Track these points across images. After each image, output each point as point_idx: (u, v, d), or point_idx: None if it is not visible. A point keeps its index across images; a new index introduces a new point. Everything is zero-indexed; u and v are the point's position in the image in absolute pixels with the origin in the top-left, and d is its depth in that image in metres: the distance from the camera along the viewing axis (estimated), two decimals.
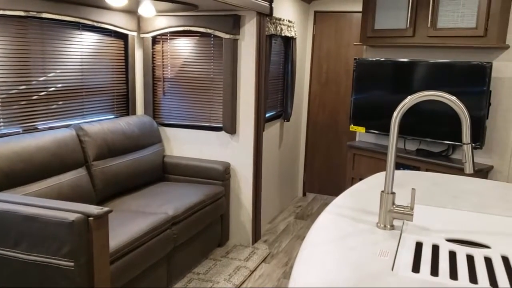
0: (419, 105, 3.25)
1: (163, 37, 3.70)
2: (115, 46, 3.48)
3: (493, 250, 1.32)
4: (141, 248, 2.53)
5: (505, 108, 3.16)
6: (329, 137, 5.09)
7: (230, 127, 3.55)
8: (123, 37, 3.55)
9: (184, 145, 3.78)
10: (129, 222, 2.62)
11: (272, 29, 3.75)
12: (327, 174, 5.16)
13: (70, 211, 2.06)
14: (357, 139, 4.05)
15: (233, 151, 3.64)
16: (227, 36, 3.43)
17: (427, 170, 3.26)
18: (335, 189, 5.06)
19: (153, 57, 3.74)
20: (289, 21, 4.16)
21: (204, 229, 3.28)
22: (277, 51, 4.17)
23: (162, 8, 3.33)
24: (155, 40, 3.73)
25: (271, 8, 3.52)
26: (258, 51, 3.48)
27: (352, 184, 3.16)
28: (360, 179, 2.15)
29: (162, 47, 3.72)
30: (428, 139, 3.38)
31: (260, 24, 3.45)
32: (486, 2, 2.95)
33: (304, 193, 5.25)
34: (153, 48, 3.72)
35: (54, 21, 2.89)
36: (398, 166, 3.44)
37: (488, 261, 1.25)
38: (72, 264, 2.03)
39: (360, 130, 3.77)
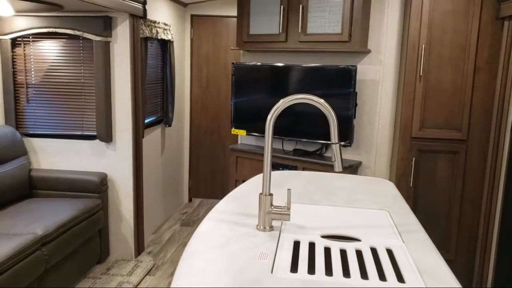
0: (295, 107, 3.39)
1: (24, 39, 3.35)
2: None
3: (363, 243, 1.40)
4: (5, 275, 2.24)
5: (369, 108, 3.44)
6: (213, 141, 5.09)
7: (105, 135, 3.34)
8: None
9: (54, 156, 3.46)
10: None
11: (147, 32, 3.62)
12: (213, 178, 5.15)
13: None
14: (239, 142, 4.10)
15: (110, 160, 3.43)
16: (98, 38, 3.22)
17: (304, 169, 3.41)
18: (221, 193, 5.07)
19: (13, 62, 3.37)
20: (165, 24, 4.06)
21: (80, 246, 3.03)
22: (154, 54, 4.04)
23: (22, 7, 3.01)
24: (15, 42, 3.35)
25: (144, 10, 3.40)
26: (133, 54, 3.33)
27: (236, 186, 3.18)
28: (244, 181, 2.16)
29: (24, 50, 3.36)
30: (304, 140, 3.54)
31: (133, 26, 3.30)
32: (349, 10, 3.18)
33: (190, 199, 5.18)
34: (13, 52, 3.35)
35: None
36: (277, 166, 3.54)
37: (359, 254, 1.32)
38: None
39: (241, 133, 3.82)
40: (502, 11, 2.75)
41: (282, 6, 3.41)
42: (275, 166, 3.56)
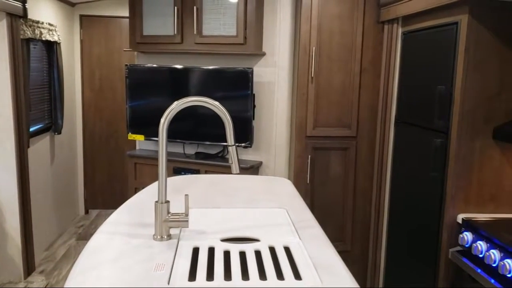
0: (196, 110, 3.34)
1: None
2: None
3: (262, 243, 1.41)
4: None
5: (267, 109, 3.52)
6: (109, 147, 4.84)
7: None
8: None
9: None
10: None
11: (29, 33, 3.33)
12: (111, 187, 4.90)
13: None
14: (137, 147, 3.94)
15: None
16: None
17: (206, 172, 3.38)
18: (121, 202, 4.80)
19: None
20: (50, 25, 3.77)
21: None
22: (38, 57, 3.73)
23: None
24: None
25: (24, 9, 3.12)
26: (12, 56, 3.04)
27: None
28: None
29: None
30: (207, 142, 3.52)
31: (12, 27, 3.01)
32: (243, 13, 3.21)
33: (87, 211, 4.88)
34: None
35: None
36: (179, 171, 3.47)
37: (258, 254, 1.32)
38: None
39: (139, 138, 3.68)
40: (382, 16, 2.97)
41: (175, 7, 3.34)
42: (177, 171, 3.48)
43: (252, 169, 3.42)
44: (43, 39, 3.61)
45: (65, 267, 3.50)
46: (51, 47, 3.90)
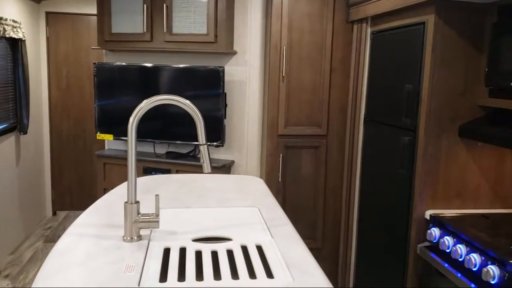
0: (167, 109, 3.30)
1: None
2: None
3: (234, 242, 1.40)
4: None
5: (239, 108, 3.51)
6: (77, 147, 4.73)
7: None
8: None
9: None
10: None
11: None
12: (80, 187, 4.79)
13: None
14: (106, 147, 3.86)
15: None
16: None
17: (177, 171, 3.35)
18: (90, 203, 4.72)
19: None
20: (14, 21, 3.65)
21: None
22: (2, 55, 3.61)
23: None
24: None
25: None
26: None
27: None
28: None
29: None
30: (178, 142, 3.48)
31: None
32: (213, 11, 3.19)
33: (55, 212, 4.75)
34: None
35: None
36: (150, 171, 3.43)
37: (230, 254, 1.32)
38: None
39: (107, 137, 3.60)
40: (351, 15, 3.01)
41: (145, 5, 3.29)
42: (147, 171, 3.43)
43: (224, 168, 3.40)
44: (7, 36, 3.50)
45: (32, 271, 3.41)
46: (16, 45, 3.78)
